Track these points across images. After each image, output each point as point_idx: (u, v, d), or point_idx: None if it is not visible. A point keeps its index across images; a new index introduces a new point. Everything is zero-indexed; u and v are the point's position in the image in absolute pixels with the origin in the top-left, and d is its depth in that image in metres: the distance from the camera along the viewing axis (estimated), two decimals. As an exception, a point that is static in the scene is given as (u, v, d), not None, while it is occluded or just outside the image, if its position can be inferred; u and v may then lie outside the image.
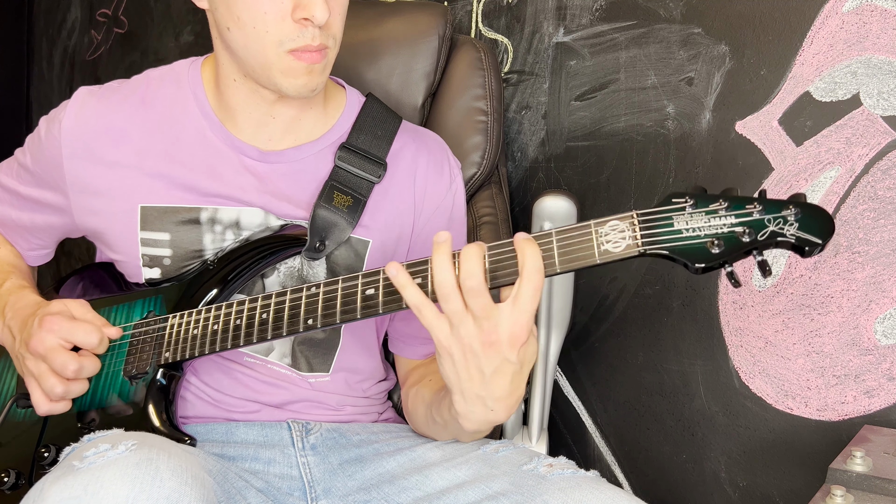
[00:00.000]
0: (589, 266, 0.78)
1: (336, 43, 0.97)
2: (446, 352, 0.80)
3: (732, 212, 0.74)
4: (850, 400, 1.12)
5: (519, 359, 0.80)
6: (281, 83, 0.95)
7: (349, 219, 1.03)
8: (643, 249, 0.76)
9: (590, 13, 1.37)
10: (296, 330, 0.90)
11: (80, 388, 0.95)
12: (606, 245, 0.77)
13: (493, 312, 0.77)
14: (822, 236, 0.71)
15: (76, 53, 2.47)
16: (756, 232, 0.73)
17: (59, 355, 0.92)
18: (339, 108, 1.10)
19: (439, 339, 0.80)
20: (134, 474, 0.70)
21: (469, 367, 0.80)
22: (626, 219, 0.77)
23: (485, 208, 1.29)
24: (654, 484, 1.34)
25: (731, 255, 0.73)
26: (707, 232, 0.74)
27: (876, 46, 1.09)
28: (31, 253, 1.16)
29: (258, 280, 1.03)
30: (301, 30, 0.91)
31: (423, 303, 0.79)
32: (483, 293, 0.77)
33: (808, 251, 0.72)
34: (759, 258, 0.74)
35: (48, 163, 1.05)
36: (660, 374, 1.32)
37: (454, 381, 0.82)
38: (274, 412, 1.03)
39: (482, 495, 0.85)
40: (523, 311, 0.77)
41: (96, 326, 0.95)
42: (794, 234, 0.72)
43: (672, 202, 0.76)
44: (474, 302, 0.77)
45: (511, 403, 0.84)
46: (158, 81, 1.07)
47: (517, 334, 0.77)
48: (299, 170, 1.05)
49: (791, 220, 0.72)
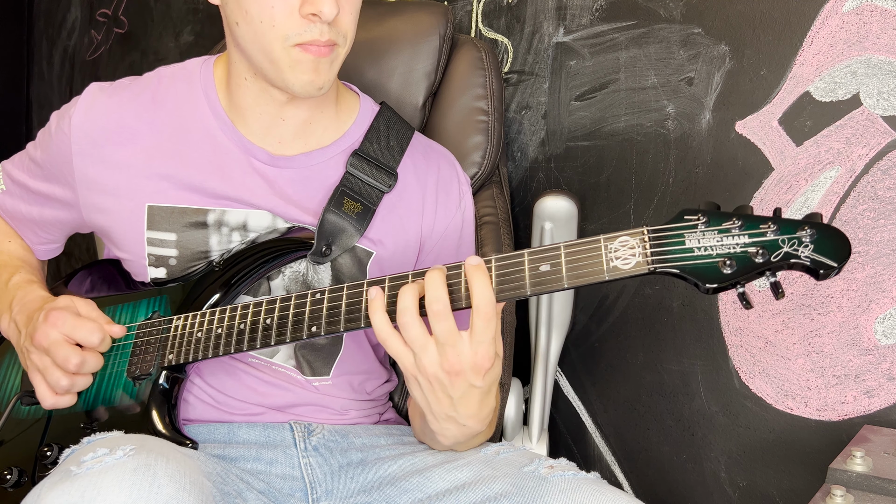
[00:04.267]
0: (597, 283, 0.77)
1: (346, 41, 0.96)
2: (413, 378, 0.82)
3: (746, 231, 0.72)
4: (850, 400, 1.12)
5: (486, 383, 0.81)
6: (288, 78, 0.94)
7: (357, 226, 1.02)
8: (653, 268, 0.74)
9: (590, 13, 1.37)
10: (299, 337, 0.89)
11: (84, 381, 0.96)
12: (616, 262, 0.76)
13: (456, 339, 0.78)
14: (837, 259, 0.69)
15: (76, 53, 2.47)
16: (770, 253, 0.71)
17: (61, 349, 0.93)
18: (351, 115, 1.09)
19: (405, 366, 0.81)
20: (131, 480, 0.70)
21: (436, 392, 0.82)
22: (637, 235, 0.76)
23: (486, 208, 1.29)
24: (654, 484, 1.34)
25: (744, 275, 0.71)
26: (719, 251, 0.72)
27: (876, 46, 1.09)
28: (40, 247, 1.17)
29: (263, 282, 1.03)
30: (308, 25, 0.91)
31: (389, 334, 0.81)
32: (447, 317, 0.78)
33: (822, 274, 0.70)
34: (771, 279, 0.72)
35: (58, 158, 1.05)
36: (660, 374, 1.32)
37: (424, 404, 0.84)
38: (277, 415, 1.03)
39: (483, 497, 0.85)
40: (480, 342, 0.78)
41: (99, 325, 0.95)
42: (809, 256, 0.70)
43: (684, 219, 0.75)
44: (439, 326, 0.78)
45: (484, 416, 0.86)
46: (170, 80, 1.07)
47: (479, 364, 0.79)
48: (308, 176, 1.04)
49: (806, 241, 0.70)
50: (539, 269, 0.79)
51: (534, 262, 0.79)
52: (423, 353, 0.79)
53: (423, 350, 0.79)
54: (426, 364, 0.80)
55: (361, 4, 0.98)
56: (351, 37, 0.97)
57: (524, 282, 0.79)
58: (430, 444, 1.00)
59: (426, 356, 0.79)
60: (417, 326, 0.79)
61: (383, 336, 0.81)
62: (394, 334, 0.81)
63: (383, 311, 0.82)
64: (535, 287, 0.79)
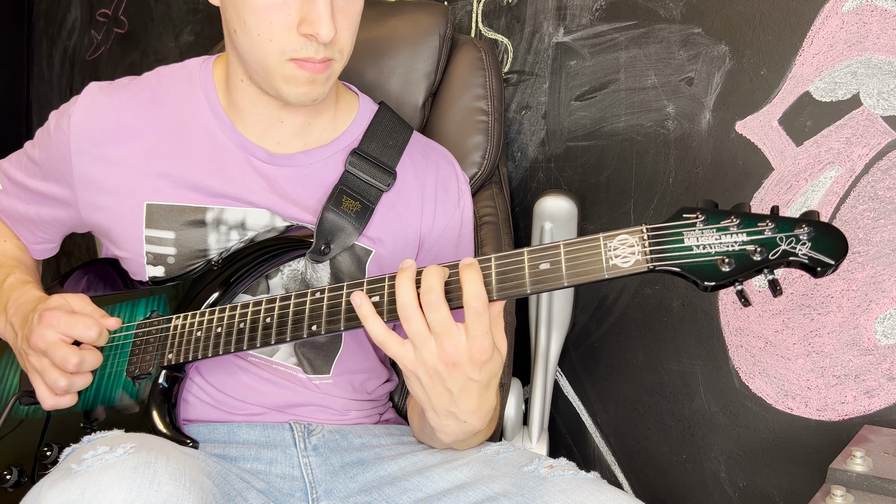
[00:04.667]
0: (597, 281, 0.77)
1: (343, 56, 0.96)
2: (413, 375, 0.82)
3: (744, 229, 0.73)
4: (850, 400, 1.12)
5: (484, 377, 0.82)
6: (282, 89, 0.95)
7: (356, 224, 1.03)
8: (652, 266, 0.75)
9: (590, 13, 1.37)
10: (299, 336, 0.89)
11: (83, 381, 0.95)
12: (615, 260, 0.76)
13: (452, 330, 0.79)
14: (835, 257, 0.70)
15: (76, 53, 2.47)
16: (768, 251, 0.72)
17: (59, 350, 0.92)
18: (350, 115, 1.10)
19: (405, 363, 0.82)
20: (131, 478, 0.70)
21: (436, 387, 0.82)
22: (636, 233, 0.76)
23: (486, 208, 1.29)
24: (654, 484, 1.34)
25: (742, 273, 0.72)
26: (718, 249, 0.73)
27: (876, 46, 1.09)
28: (36, 246, 1.16)
29: (262, 280, 1.03)
30: (305, 42, 0.91)
31: (387, 336, 0.82)
32: (441, 307, 0.79)
33: (820, 272, 0.71)
34: (769, 277, 0.73)
35: (56, 157, 1.05)
36: (660, 374, 1.32)
37: (424, 399, 0.84)
38: (277, 415, 1.03)
39: (483, 496, 0.85)
40: (475, 336, 0.79)
41: (95, 319, 0.95)
42: (807, 253, 0.71)
43: (683, 217, 0.75)
44: (433, 316, 0.79)
45: (484, 413, 0.86)
46: (169, 79, 1.07)
47: (476, 357, 0.80)
48: (307, 174, 1.05)
49: (804, 239, 0.71)
50: (539, 268, 0.79)
51: (533, 261, 0.79)
52: (424, 345, 0.80)
53: (423, 343, 0.80)
54: (426, 356, 0.80)
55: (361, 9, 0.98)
56: (348, 51, 0.97)
57: (524, 280, 0.79)
58: (430, 443, 1.00)
59: (426, 349, 0.80)
60: (420, 320, 0.80)
61: (381, 339, 0.82)
62: (391, 336, 0.82)
63: (375, 316, 0.82)
64: (535, 285, 0.79)
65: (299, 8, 0.90)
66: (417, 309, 0.80)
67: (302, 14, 0.90)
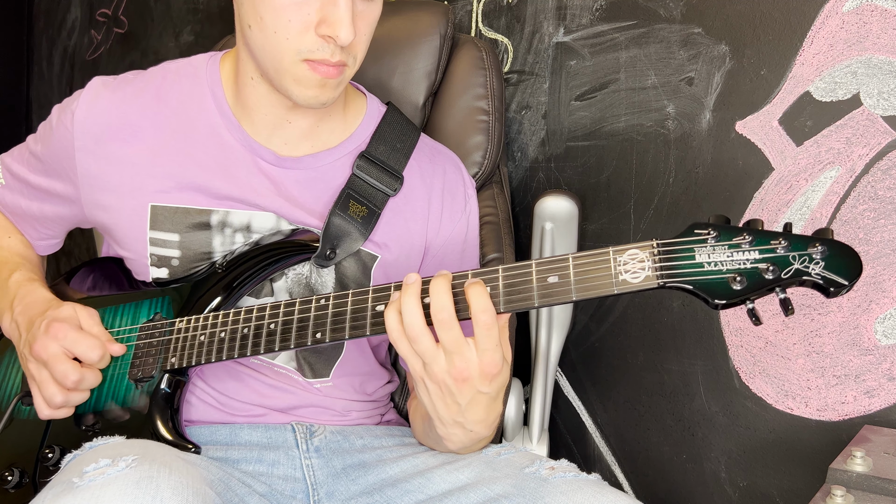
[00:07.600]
0: (605, 296, 0.75)
1: (356, 62, 0.95)
2: (421, 381, 0.82)
3: (756, 247, 0.71)
4: (850, 400, 1.12)
5: (493, 389, 0.81)
6: (292, 90, 0.93)
7: (362, 229, 1.01)
8: (663, 282, 0.74)
9: (590, 13, 1.37)
10: (304, 343, 0.88)
11: (79, 397, 0.94)
12: (625, 275, 0.75)
13: (463, 347, 0.78)
14: (849, 277, 0.69)
15: (76, 53, 2.47)
16: (780, 269, 0.70)
17: (60, 364, 0.91)
18: (358, 116, 1.08)
19: (414, 370, 0.81)
20: (134, 494, 0.69)
21: (445, 398, 0.81)
22: (646, 248, 0.75)
23: (486, 208, 1.29)
24: (655, 484, 1.34)
25: (754, 292, 0.70)
26: (729, 267, 0.72)
27: (876, 46, 1.09)
28: (40, 242, 1.15)
29: (266, 283, 1.02)
30: (322, 43, 0.90)
31: (401, 335, 0.80)
32: (453, 326, 0.77)
33: (833, 292, 0.69)
34: (781, 296, 0.71)
35: (59, 153, 1.03)
36: (660, 374, 1.32)
37: (431, 409, 0.84)
38: (278, 416, 1.03)
39: (484, 498, 0.85)
40: (485, 350, 0.78)
41: (100, 342, 0.94)
42: (820, 273, 0.69)
43: (694, 233, 0.74)
44: (445, 335, 0.78)
45: (491, 422, 0.86)
46: (175, 75, 1.05)
47: (487, 371, 0.79)
48: (314, 178, 1.03)
49: (817, 258, 0.70)
50: (547, 281, 0.77)
51: (542, 274, 0.78)
52: (434, 361, 0.79)
53: (433, 359, 0.79)
54: (436, 371, 0.79)
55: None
56: (361, 58, 0.95)
57: (532, 293, 0.78)
58: (433, 447, 0.99)
59: (436, 364, 0.79)
60: (427, 340, 0.78)
61: (394, 336, 0.80)
62: (405, 337, 0.80)
63: (397, 310, 0.80)
64: (543, 299, 0.77)
65: (320, 8, 0.88)
66: (424, 328, 0.78)
67: (322, 15, 0.88)
